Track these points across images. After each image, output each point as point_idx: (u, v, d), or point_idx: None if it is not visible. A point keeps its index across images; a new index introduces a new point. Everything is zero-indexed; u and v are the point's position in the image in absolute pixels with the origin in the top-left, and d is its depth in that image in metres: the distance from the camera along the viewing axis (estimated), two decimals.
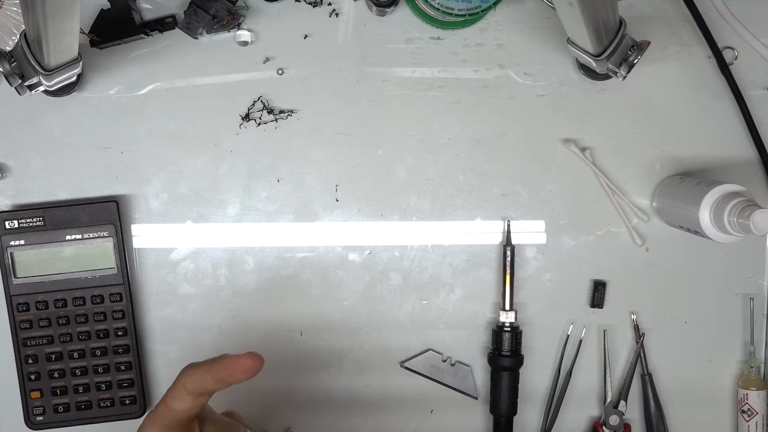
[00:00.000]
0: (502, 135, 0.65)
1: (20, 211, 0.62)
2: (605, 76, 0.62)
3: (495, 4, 0.57)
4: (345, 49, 0.64)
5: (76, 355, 0.62)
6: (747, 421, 0.65)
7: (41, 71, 0.52)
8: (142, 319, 0.64)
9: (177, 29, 0.62)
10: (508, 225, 0.65)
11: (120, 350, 0.62)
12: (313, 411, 0.66)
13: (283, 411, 0.66)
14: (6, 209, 0.63)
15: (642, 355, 0.66)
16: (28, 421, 0.62)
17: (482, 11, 0.57)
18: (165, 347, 0.65)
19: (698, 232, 0.59)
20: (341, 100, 0.64)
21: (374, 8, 0.61)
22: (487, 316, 0.66)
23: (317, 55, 0.64)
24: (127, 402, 0.63)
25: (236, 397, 0.62)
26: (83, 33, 0.59)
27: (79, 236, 0.61)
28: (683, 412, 0.67)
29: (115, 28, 0.60)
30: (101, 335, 0.62)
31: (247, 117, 0.64)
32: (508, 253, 0.64)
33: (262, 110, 0.64)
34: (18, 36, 0.56)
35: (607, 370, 0.66)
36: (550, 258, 0.66)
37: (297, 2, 0.64)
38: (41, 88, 0.56)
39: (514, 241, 0.65)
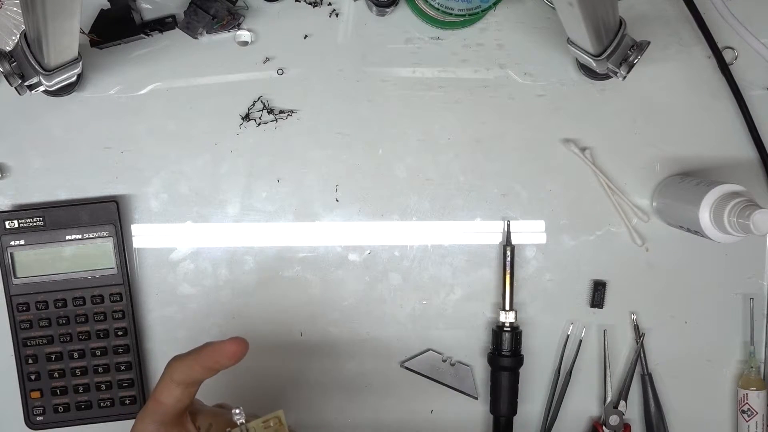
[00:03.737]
0: (502, 135, 0.65)
1: (20, 211, 0.62)
2: (605, 76, 0.62)
3: (495, 4, 0.57)
4: (345, 49, 0.64)
5: (76, 355, 0.62)
6: (747, 421, 0.65)
7: (41, 71, 0.52)
8: (142, 319, 0.64)
9: (177, 29, 0.62)
10: (508, 225, 0.65)
11: (120, 350, 0.62)
12: (313, 410, 0.66)
13: (283, 410, 0.66)
14: (6, 209, 0.63)
15: (642, 355, 0.66)
16: (28, 421, 0.62)
17: (482, 11, 0.57)
18: (165, 347, 0.65)
19: (698, 232, 0.59)
20: (341, 100, 0.64)
21: (374, 8, 0.61)
22: (487, 316, 0.66)
23: (317, 55, 0.64)
24: (127, 402, 0.63)
25: (236, 396, 0.62)
26: (83, 33, 0.59)
27: (79, 236, 0.61)
28: (683, 412, 0.67)
29: (115, 28, 0.60)
30: (101, 335, 0.62)
31: (247, 117, 0.64)
32: (508, 253, 0.64)
33: (262, 110, 0.64)
34: (18, 36, 0.56)
35: (607, 370, 0.66)
36: (550, 258, 0.66)
37: (297, 2, 0.64)
38: (41, 88, 0.56)
39: (514, 241, 0.65)
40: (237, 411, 0.43)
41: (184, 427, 0.45)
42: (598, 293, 0.65)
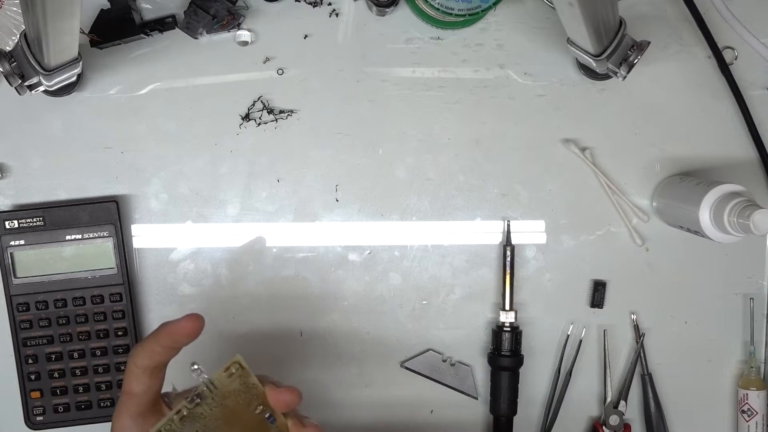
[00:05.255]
0: (502, 135, 0.65)
1: (20, 211, 0.62)
2: (605, 76, 0.62)
3: (495, 4, 0.57)
4: (345, 49, 0.64)
5: (76, 355, 0.62)
6: (747, 421, 0.65)
7: (41, 71, 0.52)
8: (142, 319, 0.64)
9: (177, 29, 0.62)
10: (508, 225, 0.65)
11: (120, 350, 0.62)
12: (312, 411, 0.66)
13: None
14: (6, 209, 0.63)
15: (642, 355, 0.66)
16: (28, 421, 0.62)
17: (482, 11, 0.57)
18: None
19: (698, 232, 0.59)
20: (341, 100, 0.64)
21: (374, 8, 0.61)
22: (487, 316, 0.66)
23: (317, 55, 0.64)
24: None
25: None
26: (83, 33, 0.59)
27: (79, 236, 0.61)
28: (683, 412, 0.67)
29: (115, 28, 0.60)
30: (101, 335, 0.62)
31: (247, 117, 0.64)
32: (508, 253, 0.64)
33: (262, 110, 0.64)
34: (18, 36, 0.56)
35: (607, 370, 0.66)
36: (550, 258, 0.66)
37: (297, 2, 0.64)
38: (41, 88, 0.56)
39: (514, 241, 0.65)
40: (195, 367, 0.41)
41: (161, 413, 0.45)
42: (598, 293, 0.65)
